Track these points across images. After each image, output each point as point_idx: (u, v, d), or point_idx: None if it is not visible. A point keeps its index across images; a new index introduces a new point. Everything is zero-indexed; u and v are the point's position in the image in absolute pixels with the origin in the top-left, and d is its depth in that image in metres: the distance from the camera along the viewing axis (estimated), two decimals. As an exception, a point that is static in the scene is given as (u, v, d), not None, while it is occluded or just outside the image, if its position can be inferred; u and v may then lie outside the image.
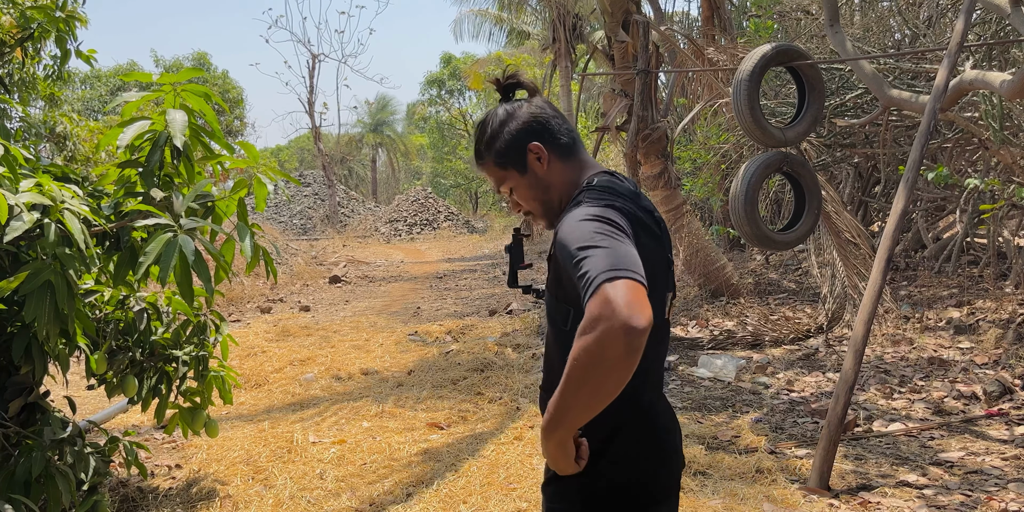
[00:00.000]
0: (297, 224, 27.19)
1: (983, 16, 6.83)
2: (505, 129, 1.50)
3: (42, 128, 6.27)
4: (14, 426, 2.46)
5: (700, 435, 4.20)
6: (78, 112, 12.55)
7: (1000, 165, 6.86)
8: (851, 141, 8.20)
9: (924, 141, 3.84)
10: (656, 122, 7.40)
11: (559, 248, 1.32)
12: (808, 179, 4.61)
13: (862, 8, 9.41)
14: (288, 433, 4.39)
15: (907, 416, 4.46)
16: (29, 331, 2.34)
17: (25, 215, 1.94)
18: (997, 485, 3.39)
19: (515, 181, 1.51)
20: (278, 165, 16.87)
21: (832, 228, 6.64)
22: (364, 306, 10.09)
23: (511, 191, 1.54)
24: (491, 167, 1.53)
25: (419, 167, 42.74)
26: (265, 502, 3.38)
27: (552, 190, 1.50)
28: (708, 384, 5.39)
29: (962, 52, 4.19)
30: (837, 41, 5.54)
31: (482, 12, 21.76)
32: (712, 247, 8.38)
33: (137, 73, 2.49)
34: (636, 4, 7.51)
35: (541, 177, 1.50)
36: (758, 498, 3.29)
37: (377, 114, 39.88)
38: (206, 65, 25.25)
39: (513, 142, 1.50)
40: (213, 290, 2.19)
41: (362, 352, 6.71)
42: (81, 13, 3.63)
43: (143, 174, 2.32)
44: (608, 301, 1.13)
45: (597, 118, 15.96)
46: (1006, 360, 5.19)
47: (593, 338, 1.13)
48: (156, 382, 3.20)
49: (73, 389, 3.74)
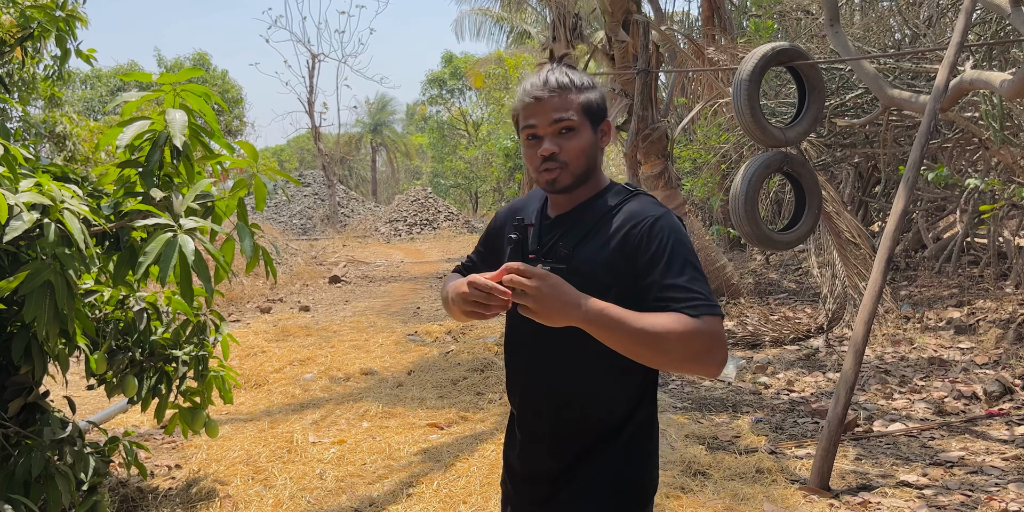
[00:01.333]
0: (297, 224, 27.20)
1: (983, 16, 6.83)
2: (598, 90, 1.49)
3: (42, 128, 6.27)
4: (14, 426, 2.45)
5: (700, 435, 4.20)
6: (78, 112, 12.55)
7: (1000, 165, 6.86)
8: (851, 141, 8.20)
9: (924, 141, 3.84)
10: (656, 122, 7.41)
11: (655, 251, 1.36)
12: (808, 179, 4.60)
13: (862, 8, 9.41)
14: (288, 433, 4.38)
15: (907, 416, 4.46)
16: (29, 331, 2.34)
17: (25, 215, 1.94)
18: (997, 485, 3.39)
19: (581, 131, 1.45)
20: (278, 165, 16.87)
21: (832, 228, 6.64)
22: (364, 306, 10.09)
23: (568, 132, 1.44)
24: (572, 102, 1.43)
25: (419, 167, 42.73)
26: (265, 502, 3.38)
27: (594, 164, 1.49)
28: (708, 384, 5.39)
29: (962, 52, 4.19)
30: (837, 41, 5.54)
31: (483, 11, 21.76)
32: (712, 247, 8.38)
33: (137, 73, 2.49)
34: (636, 4, 7.51)
35: (598, 148, 1.50)
36: (758, 498, 3.29)
37: (377, 114, 39.87)
38: (206, 65, 25.24)
39: (603, 104, 1.49)
40: (213, 290, 2.19)
41: (362, 352, 6.71)
42: (81, 13, 3.63)
43: (143, 174, 2.31)
44: (722, 332, 1.32)
45: (597, 118, 15.96)
46: (1006, 360, 5.19)
47: (703, 342, 1.28)
48: (156, 382, 3.20)
49: (73, 389, 3.74)
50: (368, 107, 39.75)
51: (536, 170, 1.46)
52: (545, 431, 1.52)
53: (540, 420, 1.53)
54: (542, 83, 1.44)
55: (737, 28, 9.71)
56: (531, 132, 1.45)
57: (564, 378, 1.50)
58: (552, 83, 1.44)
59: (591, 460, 1.48)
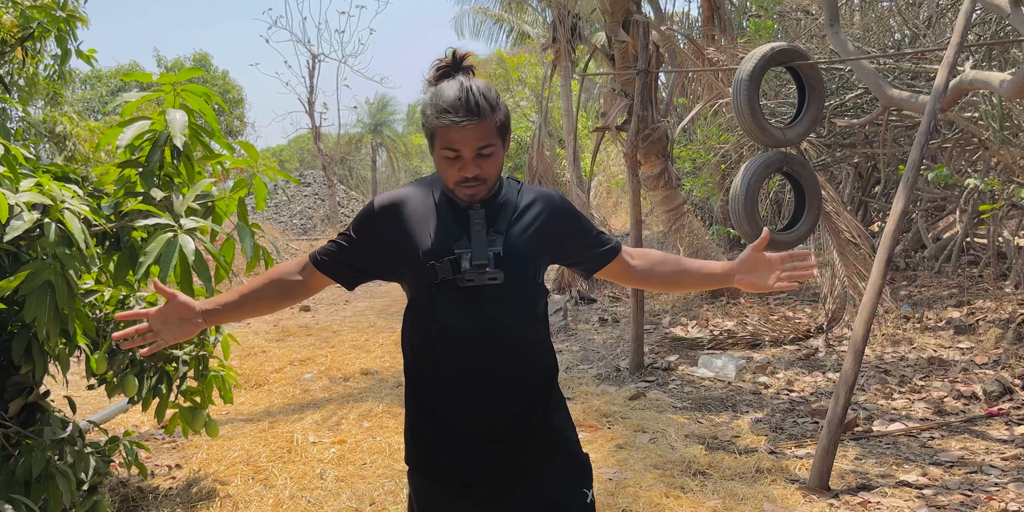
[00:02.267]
0: (297, 224, 27.18)
1: (983, 16, 6.83)
2: (502, 101, 1.56)
3: (42, 128, 6.27)
4: (14, 426, 2.46)
5: (700, 435, 4.20)
6: (78, 112, 12.54)
7: (1000, 165, 6.87)
8: (851, 141, 8.20)
9: (924, 141, 3.84)
10: (656, 122, 7.41)
11: (577, 216, 1.71)
12: (808, 179, 4.61)
13: (862, 8, 9.41)
14: (288, 433, 4.39)
15: (907, 416, 4.46)
16: (29, 331, 2.35)
17: (25, 214, 1.95)
18: (997, 485, 3.39)
19: (497, 150, 1.55)
20: (278, 165, 16.85)
21: (832, 228, 6.64)
22: (364, 306, 10.09)
23: (485, 155, 1.53)
24: (491, 127, 1.51)
25: (419, 167, 42.72)
26: (265, 502, 3.38)
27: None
28: (708, 384, 5.39)
29: (962, 52, 4.19)
30: (837, 41, 5.54)
31: (483, 10, 21.74)
32: (712, 247, 8.39)
33: (137, 73, 2.49)
34: (636, 4, 7.50)
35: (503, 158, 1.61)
36: (758, 498, 3.30)
37: (377, 114, 39.85)
38: (207, 65, 25.23)
39: (508, 115, 1.58)
40: (213, 290, 2.19)
41: (362, 352, 6.72)
42: (82, 13, 3.63)
43: (143, 174, 2.32)
44: None
45: (597, 118, 15.96)
46: (1006, 360, 5.19)
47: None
48: (156, 382, 3.20)
49: (73, 389, 3.74)
50: (368, 107, 39.74)
51: (455, 184, 1.55)
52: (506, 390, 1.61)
53: (493, 386, 1.60)
54: (464, 106, 1.47)
55: (737, 28, 9.71)
56: (455, 154, 1.52)
57: (520, 337, 1.62)
58: (472, 107, 1.47)
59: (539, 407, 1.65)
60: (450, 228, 1.57)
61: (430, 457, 1.63)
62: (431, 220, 1.59)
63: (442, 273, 1.54)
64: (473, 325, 1.55)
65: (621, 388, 5.31)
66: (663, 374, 5.70)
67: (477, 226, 1.55)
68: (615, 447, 4.04)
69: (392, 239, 1.60)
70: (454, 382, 1.59)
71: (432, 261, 1.54)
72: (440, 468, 1.62)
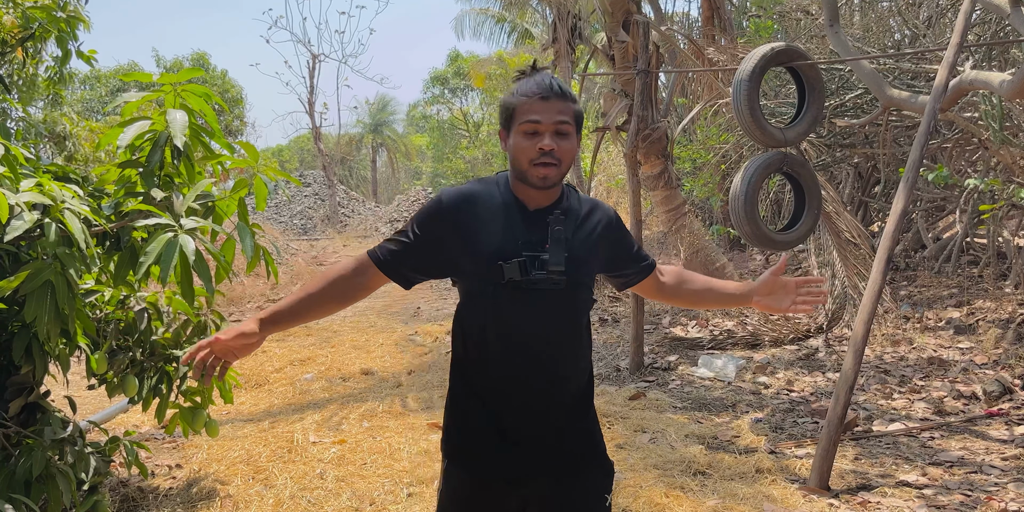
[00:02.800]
0: (297, 224, 27.17)
1: (983, 16, 6.83)
2: (580, 106, 1.65)
3: (42, 128, 6.27)
4: (14, 426, 2.46)
5: (700, 435, 4.20)
6: (78, 113, 12.53)
7: (1000, 165, 6.87)
8: (851, 141, 8.20)
9: (924, 141, 3.84)
10: (656, 122, 7.40)
11: (626, 231, 1.77)
12: (808, 179, 4.61)
13: (862, 8, 9.41)
14: (288, 433, 4.39)
15: (907, 416, 4.47)
16: (29, 331, 2.35)
17: (26, 214, 1.95)
18: (997, 485, 3.40)
19: (573, 134, 1.60)
20: (279, 165, 16.84)
21: (832, 228, 6.64)
22: (364, 306, 10.09)
23: (565, 135, 1.58)
24: (570, 109, 1.58)
25: (419, 167, 42.72)
26: (265, 502, 3.38)
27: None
28: (708, 384, 5.39)
29: (962, 52, 4.19)
30: (837, 41, 5.54)
31: (484, 10, 21.73)
32: (712, 247, 8.38)
33: (137, 73, 2.49)
34: (636, 4, 7.50)
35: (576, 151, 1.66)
36: (758, 498, 3.30)
37: (377, 114, 39.84)
38: (206, 65, 25.23)
39: (583, 119, 1.66)
40: (214, 290, 2.19)
41: (362, 352, 6.72)
42: (83, 14, 3.63)
43: (143, 174, 2.32)
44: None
45: (597, 118, 15.96)
46: (1005, 360, 5.20)
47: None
48: (156, 382, 3.20)
49: (73, 389, 3.74)
50: (368, 107, 39.73)
51: (531, 162, 1.56)
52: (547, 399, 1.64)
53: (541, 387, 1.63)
54: (548, 85, 1.57)
55: (737, 28, 9.71)
56: (534, 127, 1.55)
57: (564, 347, 1.66)
58: (556, 88, 1.57)
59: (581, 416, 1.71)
60: (518, 229, 1.59)
61: (469, 450, 1.66)
62: (499, 219, 1.60)
63: (509, 273, 1.54)
64: (532, 327, 1.58)
65: (621, 388, 5.31)
66: (663, 374, 5.70)
67: (558, 233, 1.58)
68: (615, 447, 4.05)
69: (457, 235, 1.60)
70: (505, 380, 1.61)
71: (500, 261, 1.55)
72: (478, 461, 1.65)
